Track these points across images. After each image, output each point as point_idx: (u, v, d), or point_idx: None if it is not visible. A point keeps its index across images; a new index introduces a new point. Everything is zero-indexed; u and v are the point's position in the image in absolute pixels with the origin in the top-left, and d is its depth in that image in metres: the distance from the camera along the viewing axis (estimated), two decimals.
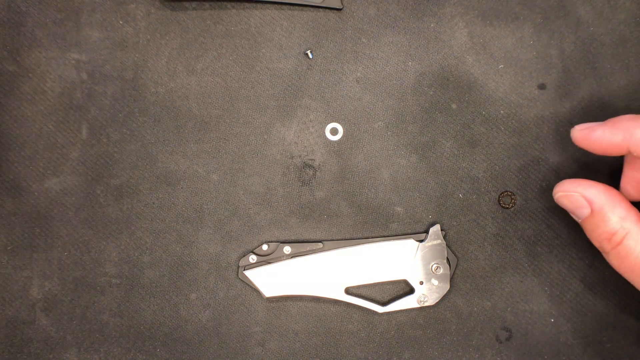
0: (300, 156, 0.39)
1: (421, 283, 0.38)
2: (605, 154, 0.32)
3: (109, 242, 0.38)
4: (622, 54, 0.38)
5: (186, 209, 0.39)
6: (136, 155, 0.38)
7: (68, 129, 0.38)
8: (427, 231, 0.38)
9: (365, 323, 0.39)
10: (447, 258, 0.38)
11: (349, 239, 0.39)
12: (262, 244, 0.39)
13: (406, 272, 0.38)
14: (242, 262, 0.38)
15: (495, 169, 0.39)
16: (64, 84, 0.38)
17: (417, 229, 0.39)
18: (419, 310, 0.39)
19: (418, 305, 0.38)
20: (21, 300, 0.38)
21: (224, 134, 0.39)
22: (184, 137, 0.38)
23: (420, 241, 0.38)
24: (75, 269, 0.38)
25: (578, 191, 0.33)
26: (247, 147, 0.39)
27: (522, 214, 0.39)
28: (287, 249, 0.38)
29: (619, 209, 0.32)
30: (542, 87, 0.38)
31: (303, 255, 0.38)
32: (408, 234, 0.39)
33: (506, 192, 0.39)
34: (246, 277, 0.38)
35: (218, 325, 0.39)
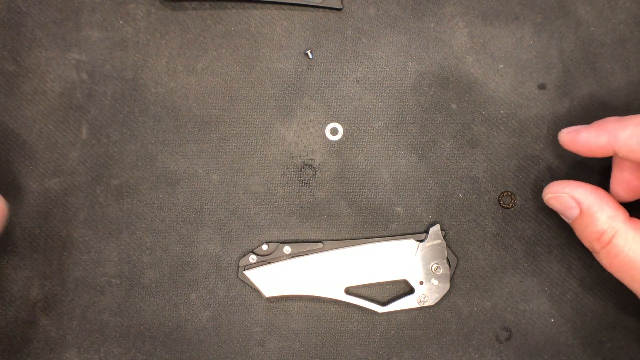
0: (300, 156, 0.39)
1: (421, 283, 0.38)
2: (593, 156, 0.33)
3: (109, 242, 0.38)
4: (622, 54, 0.38)
5: (186, 209, 0.39)
6: (136, 155, 0.38)
7: (68, 129, 0.38)
8: (427, 231, 0.38)
9: (365, 323, 0.39)
10: (447, 258, 0.38)
11: (349, 239, 0.39)
12: (262, 244, 0.39)
13: (406, 272, 0.38)
14: (242, 262, 0.38)
15: (495, 169, 0.39)
16: (64, 84, 0.38)
17: (417, 229, 0.39)
18: (419, 310, 0.39)
19: (418, 305, 0.38)
20: (21, 300, 0.38)
21: (224, 134, 0.39)
22: (184, 137, 0.38)
23: (420, 241, 0.38)
24: (75, 269, 0.38)
25: (566, 192, 0.33)
26: (247, 147, 0.39)
27: (522, 214, 0.39)
28: (287, 249, 0.38)
29: (607, 209, 0.32)
30: (542, 87, 0.38)
31: (303, 255, 0.38)
32: (408, 234, 0.39)
33: (506, 192, 0.39)
34: (246, 277, 0.38)
35: (218, 325, 0.39)
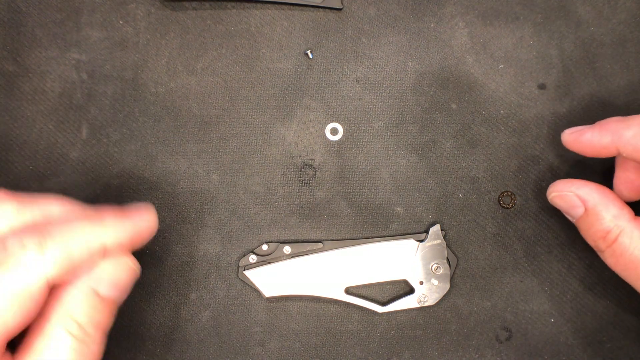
0: (300, 156, 0.39)
1: (421, 283, 0.38)
2: (596, 156, 0.33)
3: None
4: (622, 54, 0.38)
5: (186, 209, 0.38)
6: (136, 155, 0.38)
7: (68, 129, 0.38)
8: (427, 231, 0.38)
9: (365, 323, 0.39)
10: (447, 258, 0.38)
11: (349, 239, 0.39)
12: (262, 244, 0.39)
13: (406, 272, 0.38)
14: (242, 262, 0.38)
15: (495, 169, 0.39)
16: (64, 84, 0.38)
17: (417, 229, 0.39)
18: (419, 310, 0.39)
19: (418, 305, 0.38)
20: None
21: (224, 134, 0.39)
22: (184, 137, 0.38)
23: (420, 241, 0.38)
24: None
25: (572, 191, 0.33)
26: (247, 147, 0.39)
27: (522, 214, 0.39)
28: (287, 249, 0.38)
29: (612, 207, 0.32)
30: (542, 87, 0.38)
31: (303, 255, 0.38)
32: (408, 234, 0.39)
33: (506, 192, 0.39)
34: (246, 277, 0.38)
35: (218, 325, 0.39)
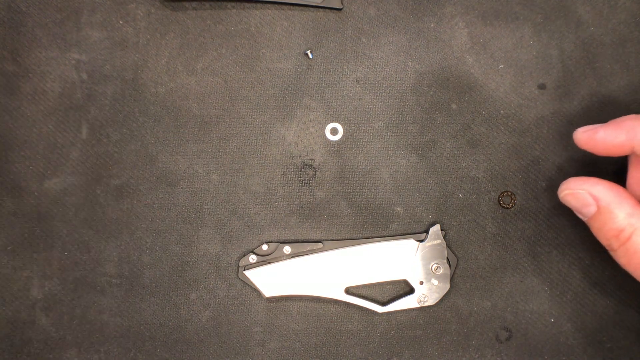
0: (300, 156, 0.39)
1: (421, 283, 0.38)
2: (609, 154, 0.32)
3: (109, 242, 0.38)
4: (622, 54, 0.38)
5: (186, 209, 0.39)
6: (136, 155, 0.38)
7: (68, 129, 0.38)
8: (427, 231, 0.38)
9: (365, 323, 0.39)
10: (447, 258, 0.38)
11: (349, 239, 0.39)
12: (262, 244, 0.39)
13: (406, 272, 0.38)
14: (242, 262, 0.38)
15: (495, 169, 0.39)
16: (64, 84, 0.38)
17: (417, 229, 0.39)
18: (419, 310, 0.39)
19: (418, 305, 0.38)
20: (21, 300, 0.38)
21: (224, 134, 0.39)
22: (184, 137, 0.38)
23: (420, 241, 0.38)
24: (75, 269, 0.38)
25: (584, 188, 0.32)
26: (247, 147, 0.39)
27: (522, 214, 0.39)
28: (287, 249, 0.38)
29: (626, 206, 0.31)
30: (542, 87, 0.38)
31: (303, 255, 0.38)
32: (408, 234, 0.39)
33: (506, 192, 0.39)
34: (246, 277, 0.38)
35: (218, 325, 0.39)
